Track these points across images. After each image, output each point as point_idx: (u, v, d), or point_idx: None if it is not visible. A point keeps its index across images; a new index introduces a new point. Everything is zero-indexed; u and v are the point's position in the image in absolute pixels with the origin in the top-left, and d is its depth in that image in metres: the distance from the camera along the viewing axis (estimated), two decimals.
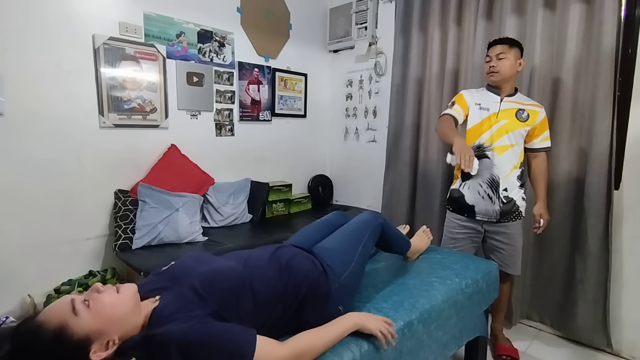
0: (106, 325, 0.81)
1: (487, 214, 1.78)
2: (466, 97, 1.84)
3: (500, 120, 1.74)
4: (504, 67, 1.72)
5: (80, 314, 0.79)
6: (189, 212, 2.25)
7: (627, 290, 1.93)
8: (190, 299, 0.91)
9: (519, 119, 1.74)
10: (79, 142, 2.04)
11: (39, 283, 1.93)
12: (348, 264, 1.25)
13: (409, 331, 1.17)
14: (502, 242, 1.81)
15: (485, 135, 1.76)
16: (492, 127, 1.75)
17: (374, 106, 3.08)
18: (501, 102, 1.77)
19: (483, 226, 1.83)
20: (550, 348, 2.03)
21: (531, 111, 1.75)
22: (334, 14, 3.18)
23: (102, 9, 2.06)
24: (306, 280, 1.12)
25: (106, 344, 0.81)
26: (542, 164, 1.82)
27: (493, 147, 1.74)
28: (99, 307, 0.82)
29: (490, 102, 1.78)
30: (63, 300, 0.82)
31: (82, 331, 0.78)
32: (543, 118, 1.77)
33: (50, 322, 0.78)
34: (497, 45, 1.75)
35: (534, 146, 1.80)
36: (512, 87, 1.80)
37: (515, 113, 1.74)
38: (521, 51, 1.77)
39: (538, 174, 1.83)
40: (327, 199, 3.38)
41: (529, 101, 1.80)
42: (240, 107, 2.78)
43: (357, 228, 1.41)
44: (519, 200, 1.79)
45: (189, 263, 1.07)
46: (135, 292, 0.89)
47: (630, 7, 1.84)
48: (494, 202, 1.75)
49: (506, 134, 1.73)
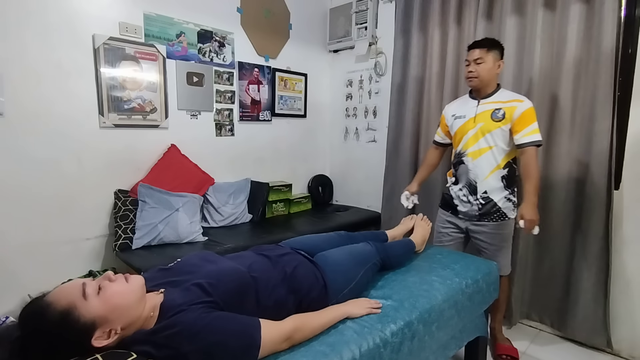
0: (113, 313, 0.82)
1: (466, 214, 1.87)
2: (446, 114, 1.96)
3: (477, 125, 1.77)
4: (483, 72, 1.73)
5: (89, 298, 0.81)
6: (189, 212, 2.25)
7: (627, 290, 1.92)
8: (196, 293, 0.93)
9: (494, 119, 1.73)
10: (79, 142, 2.04)
11: (39, 283, 1.92)
12: (349, 283, 1.28)
13: (409, 331, 1.17)
14: (483, 241, 1.84)
15: (462, 142, 1.83)
16: (468, 133, 1.80)
17: (374, 106, 3.08)
18: (478, 106, 1.79)
19: (466, 224, 1.89)
20: (550, 348, 2.03)
21: (508, 108, 1.71)
22: (334, 14, 3.18)
23: (102, 9, 2.06)
24: (308, 296, 1.15)
25: (108, 332, 0.82)
26: (527, 160, 1.68)
27: (467, 152, 1.81)
28: (108, 294, 0.83)
29: (467, 109, 1.83)
30: (74, 283, 0.84)
31: (89, 315, 0.79)
32: (523, 111, 1.67)
33: (59, 302, 0.79)
34: (476, 50, 1.74)
35: (517, 142, 1.71)
36: (492, 88, 1.79)
37: (491, 114, 1.74)
38: (501, 52, 1.77)
39: (523, 171, 1.71)
40: (327, 199, 3.38)
41: (510, 97, 1.74)
42: (240, 107, 2.78)
43: (364, 253, 1.43)
44: (501, 201, 1.77)
45: (195, 261, 1.09)
46: (143, 284, 0.91)
47: (630, 7, 1.84)
48: (472, 205, 1.82)
49: (482, 137, 1.75)
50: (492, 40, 1.79)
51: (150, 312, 0.89)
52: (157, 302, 0.91)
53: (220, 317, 0.88)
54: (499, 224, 1.80)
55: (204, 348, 0.82)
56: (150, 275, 1.05)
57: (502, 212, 1.78)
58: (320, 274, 1.23)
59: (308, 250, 1.36)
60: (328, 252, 1.37)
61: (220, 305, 0.93)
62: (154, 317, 0.89)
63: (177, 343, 0.81)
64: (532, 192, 1.65)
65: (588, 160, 1.92)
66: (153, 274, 1.08)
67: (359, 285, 1.31)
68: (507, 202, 1.79)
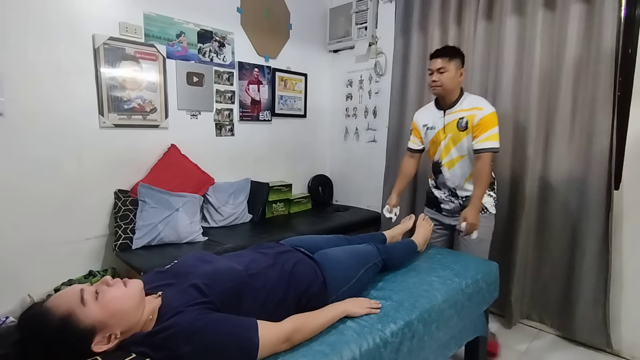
0: (112, 318, 0.82)
1: (450, 211, 1.95)
2: (417, 122, 1.98)
3: (447, 135, 1.83)
4: (446, 80, 1.75)
5: (88, 304, 0.81)
6: (189, 212, 2.25)
7: (627, 290, 1.93)
8: (193, 295, 0.93)
9: (459, 129, 1.78)
10: (79, 142, 2.04)
11: (39, 283, 1.93)
12: (349, 280, 1.28)
13: (409, 331, 1.17)
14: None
15: (437, 152, 1.90)
16: (441, 144, 1.86)
17: (374, 106, 3.08)
18: (444, 117, 1.83)
19: (449, 220, 1.96)
20: (550, 348, 2.03)
21: (469, 116, 1.74)
22: (334, 14, 3.18)
23: (102, 9, 2.06)
24: (307, 292, 1.15)
25: (108, 337, 0.82)
26: (481, 166, 1.72)
27: (443, 163, 1.88)
28: (107, 299, 0.83)
29: (436, 119, 1.86)
30: (72, 289, 0.84)
31: (88, 321, 0.80)
32: (480, 118, 1.70)
33: (58, 308, 0.79)
34: (438, 59, 1.75)
35: (473, 147, 1.75)
36: (455, 96, 1.81)
37: (457, 124, 1.78)
38: (462, 60, 1.79)
39: (475, 176, 1.76)
40: (327, 199, 3.38)
41: (471, 105, 1.76)
42: (240, 107, 2.78)
43: (365, 252, 1.43)
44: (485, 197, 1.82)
45: (191, 262, 1.08)
46: (141, 288, 0.91)
47: (630, 7, 1.84)
48: (454, 203, 1.92)
49: (454, 147, 1.82)
50: (453, 48, 1.82)
51: (149, 316, 0.89)
52: (156, 305, 0.92)
53: (217, 318, 0.88)
54: (480, 217, 1.80)
55: (201, 349, 0.82)
56: (147, 278, 1.05)
57: (483, 206, 1.83)
58: (320, 270, 1.23)
59: (308, 248, 1.36)
60: (328, 250, 1.38)
61: (217, 305, 0.93)
62: (152, 320, 0.89)
63: (174, 344, 0.81)
64: (479, 197, 1.72)
65: (588, 160, 1.92)
66: (150, 276, 1.08)
67: (359, 283, 1.31)
68: (487, 197, 1.85)
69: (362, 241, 1.59)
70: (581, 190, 1.96)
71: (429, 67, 1.81)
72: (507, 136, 2.19)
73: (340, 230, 2.50)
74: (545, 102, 2.05)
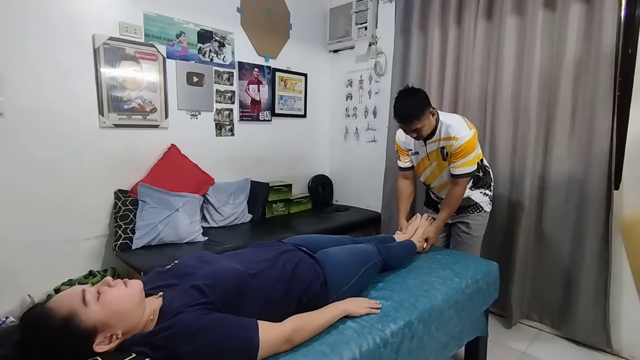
0: (113, 319, 0.83)
1: None
2: (399, 141, 1.98)
3: (432, 163, 1.86)
4: (426, 132, 1.73)
5: (89, 304, 0.81)
6: (189, 212, 2.25)
7: (627, 290, 1.92)
8: (194, 296, 0.93)
9: (442, 157, 1.80)
10: (79, 142, 2.04)
11: (39, 283, 1.93)
12: (349, 279, 1.28)
13: (409, 331, 1.17)
14: (461, 229, 1.96)
15: (423, 175, 1.97)
16: (427, 170, 1.91)
17: (374, 106, 3.08)
18: (426, 145, 1.84)
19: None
20: (550, 348, 2.03)
21: (447, 146, 1.74)
22: (334, 14, 3.18)
23: (102, 9, 2.06)
24: (308, 292, 1.15)
25: (110, 337, 0.83)
26: (454, 191, 1.77)
27: (432, 186, 1.97)
28: (108, 300, 0.84)
29: (418, 146, 1.89)
30: (74, 290, 0.84)
31: (90, 321, 0.80)
32: (456, 148, 1.70)
33: (60, 309, 0.80)
34: (411, 124, 1.66)
35: (451, 172, 1.78)
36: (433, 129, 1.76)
37: (440, 152, 1.79)
38: (428, 101, 1.70)
39: (446, 198, 1.82)
40: (327, 199, 3.38)
41: (446, 133, 1.73)
42: (240, 107, 2.77)
43: (365, 252, 1.43)
44: (477, 196, 1.92)
45: (192, 262, 1.08)
46: (142, 288, 0.92)
47: (630, 7, 1.84)
48: None
49: (440, 174, 1.88)
50: (418, 101, 1.67)
51: (150, 316, 0.90)
52: (157, 306, 0.92)
53: (217, 318, 0.88)
54: (475, 215, 1.93)
55: (201, 349, 0.82)
56: (148, 279, 1.06)
57: (478, 205, 1.92)
58: (321, 269, 1.23)
59: (310, 247, 1.36)
60: (330, 249, 1.38)
61: (218, 305, 0.93)
62: (153, 321, 0.89)
63: (174, 344, 0.81)
64: (443, 219, 1.83)
65: (588, 160, 1.92)
66: (151, 277, 1.08)
67: (359, 283, 1.31)
68: (483, 197, 1.93)
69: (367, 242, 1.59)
70: (581, 190, 1.96)
71: (402, 128, 1.77)
72: (507, 136, 2.20)
73: (340, 231, 2.50)
74: (545, 102, 2.05)
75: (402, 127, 1.75)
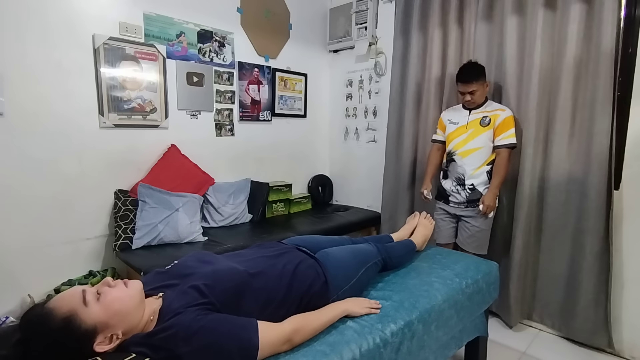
0: (113, 319, 0.83)
1: (457, 202, 2.15)
2: (443, 118, 2.26)
3: (468, 130, 2.08)
4: (479, 98, 2.05)
5: (90, 305, 0.82)
6: (189, 212, 2.25)
7: (628, 290, 1.92)
8: (193, 296, 0.93)
9: (482, 125, 2.05)
10: (79, 142, 2.04)
11: (39, 283, 1.93)
12: (350, 279, 1.28)
13: (409, 331, 1.17)
14: (469, 223, 2.10)
15: (453, 142, 2.14)
16: (460, 136, 2.11)
17: (374, 106, 3.08)
18: (469, 115, 2.10)
19: (455, 210, 2.16)
20: (551, 348, 2.03)
21: (493, 115, 2.03)
22: (334, 14, 3.18)
23: (102, 9, 2.06)
24: (309, 292, 1.15)
25: (110, 337, 0.83)
26: (500, 160, 2.01)
27: (458, 152, 2.12)
28: (108, 300, 0.84)
29: (461, 117, 2.14)
30: (74, 290, 0.85)
31: (90, 321, 0.80)
32: (504, 119, 1.99)
33: (60, 309, 0.80)
34: (471, 84, 2.00)
35: (495, 143, 2.03)
36: (482, 102, 2.09)
37: (480, 121, 2.06)
38: (485, 74, 2.03)
39: (495, 168, 2.03)
40: (327, 199, 3.38)
41: (495, 107, 2.07)
42: (240, 107, 2.77)
43: (365, 252, 1.43)
44: (485, 190, 2.05)
45: (192, 263, 1.08)
46: (142, 288, 0.92)
47: (630, 7, 1.84)
48: (460, 194, 2.12)
49: (472, 140, 2.06)
50: (478, 68, 2.03)
51: (149, 317, 0.90)
52: (157, 306, 0.92)
53: (217, 319, 0.88)
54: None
55: (200, 349, 0.82)
56: (147, 279, 1.06)
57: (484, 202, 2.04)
58: (322, 269, 1.23)
59: (310, 248, 1.36)
60: (330, 250, 1.38)
61: (217, 306, 0.93)
62: (153, 321, 0.90)
63: (173, 344, 0.81)
64: (497, 185, 2.01)
65: (588, 160, 1.92)
66: (151, 277, 1.08)
67: (359, 283, 1.31)
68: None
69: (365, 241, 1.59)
70: (581, 190, 1.96)
71: (460, 90, 2.05)
72: None
73: (341, 231, 2.51)
74: (545, 102, 2.05)
75: (462, 87, 2.04)
